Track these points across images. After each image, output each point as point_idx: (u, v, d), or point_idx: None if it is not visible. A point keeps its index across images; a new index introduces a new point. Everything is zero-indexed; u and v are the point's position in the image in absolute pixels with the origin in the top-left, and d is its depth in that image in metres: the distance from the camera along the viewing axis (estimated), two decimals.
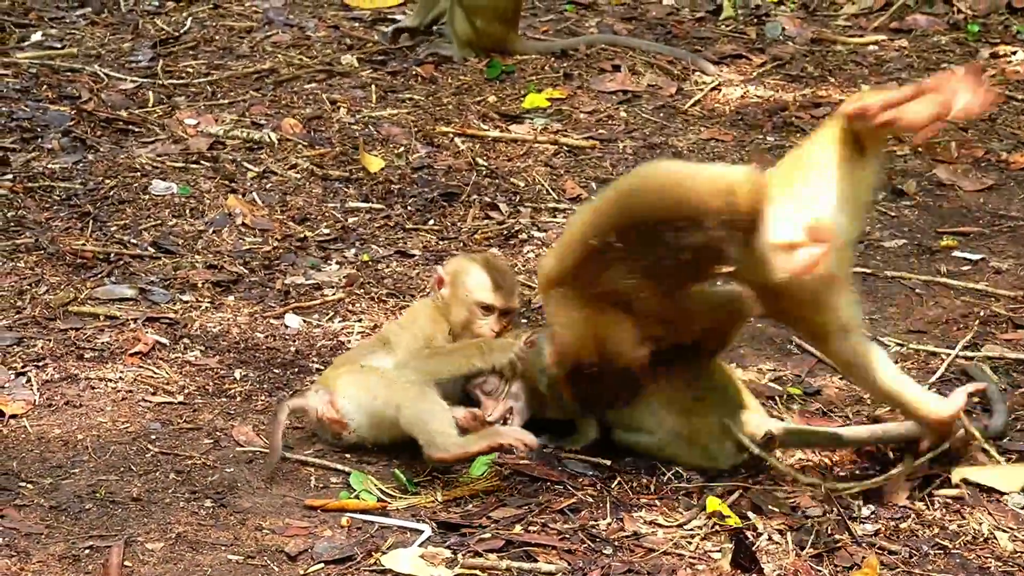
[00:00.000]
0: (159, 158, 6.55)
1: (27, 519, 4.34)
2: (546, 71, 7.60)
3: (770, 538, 4.33)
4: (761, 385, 5.07)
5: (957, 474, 4.55)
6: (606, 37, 7.77)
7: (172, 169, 6.47)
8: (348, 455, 4.71)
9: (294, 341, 5.35)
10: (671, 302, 4.48)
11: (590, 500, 4.48)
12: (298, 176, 6.49)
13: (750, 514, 4.42)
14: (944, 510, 4.46)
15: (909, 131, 4.42)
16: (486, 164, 6.66)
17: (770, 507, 4.44)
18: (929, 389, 5.06)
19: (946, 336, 5.48)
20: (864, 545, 4.30)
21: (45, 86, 7.13)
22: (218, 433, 4.81)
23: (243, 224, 6.10)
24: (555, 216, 6.28)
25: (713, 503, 4.40)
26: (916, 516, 4.43)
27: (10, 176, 6.29)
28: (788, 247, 4.25)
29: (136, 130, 6.79)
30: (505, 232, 6.13)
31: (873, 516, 4.43)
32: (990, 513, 4.46)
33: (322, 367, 5.17)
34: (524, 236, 6.12)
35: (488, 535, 4.31)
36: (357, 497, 4.47)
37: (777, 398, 5.00)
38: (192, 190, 6.31)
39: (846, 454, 4.72)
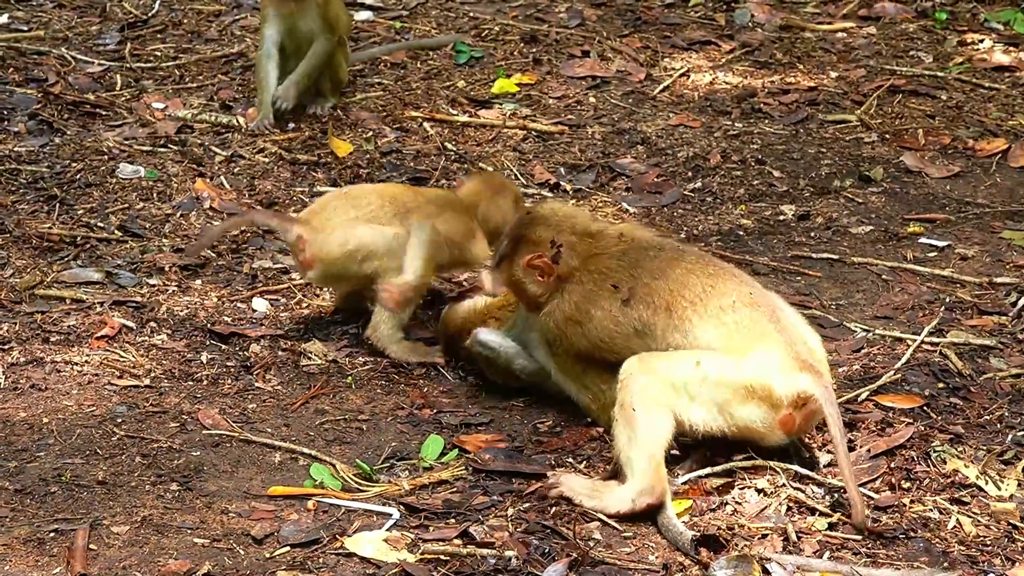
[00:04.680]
0: (126, 141, 6.53)
1: None
2: (515, 56, 7.60)
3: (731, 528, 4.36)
4: None
5: None
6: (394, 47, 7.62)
7: (139, 153, 6.45)
8: (314, 439, 4.71)
9: (261, 325, 5.34)
10: None
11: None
12: (266, 160, 6.48)
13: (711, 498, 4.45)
14: (904, 494, 4.49)
15: None
16: (455, 149, 6.66)
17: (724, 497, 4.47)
18: (895, 375, 5.09)
19: (912, 322, 5.50)
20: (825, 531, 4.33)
21: (11, 69, 7.09)
22: (184, 417, 4.80)
23: (211, 208, 6.09)
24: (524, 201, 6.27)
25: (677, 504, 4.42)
26: (873, 500, 4.46)
27: None
28: None
29: (103, 113, 6.77)
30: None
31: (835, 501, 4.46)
32: (954, 498, 4.49)
33: (289, 352, 5.17)
34: None
35: (452, 521, 4.32)
36: (321, 486, 4.47)
37: None
38: (160, 174, 6.29)
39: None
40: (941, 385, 5.07)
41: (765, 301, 4.61)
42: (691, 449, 4.66)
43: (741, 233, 6.15)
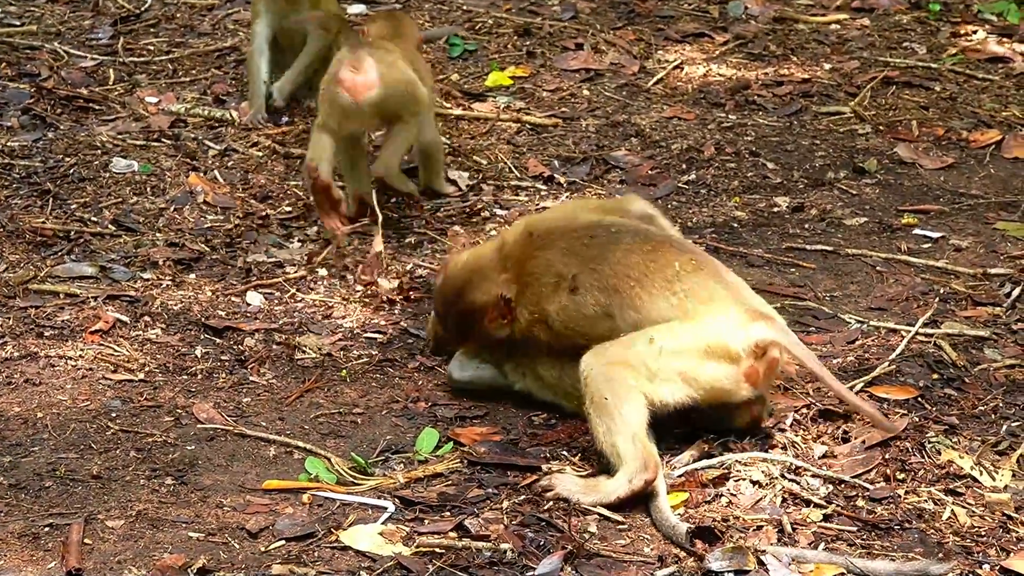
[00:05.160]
0: (120, 136, 6.53)
1: None
2: (509, 49, 7.59)
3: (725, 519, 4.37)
4: None
5: None
6: None
7: (133, 147, 6.45)
8: (309, 432, 4.71)
9: (256, 319, 5.34)
10: None
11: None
12: (260, 154, 6.47)
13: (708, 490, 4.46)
14: (899, 485, 4.50)
15: None
16: (449, 142, 6.65)
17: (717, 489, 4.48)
18: (890, 366, 5.10)
19: (906, 313, 5.50)
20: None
21: (4, 63, 7.08)
22: (179, 411, 4.80)
23: (204, 202, 6.08)
24: (517, 194, 6.28)
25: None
26: (868, 491, 4.47)
27: None
28: None
29: (97, 108, 6.76)
30: (468, 210, 6.13)
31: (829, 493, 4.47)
32: (949, 489, 4.49)
33: (284, 345, 5.17)
34: (487, 214, 6.12)
35: (448, 514, 4.32)
36: (316, 480, 4.47)
37: None
38: (153, 168, 6.29)
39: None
40: (935, 376, 5.07)
41: (708, 264, 4.67)
42: (686, 442, 4.66)
43: (735, 225, 6.15)
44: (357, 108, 5.65)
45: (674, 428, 4.60)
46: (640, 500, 4.37)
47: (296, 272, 5.63)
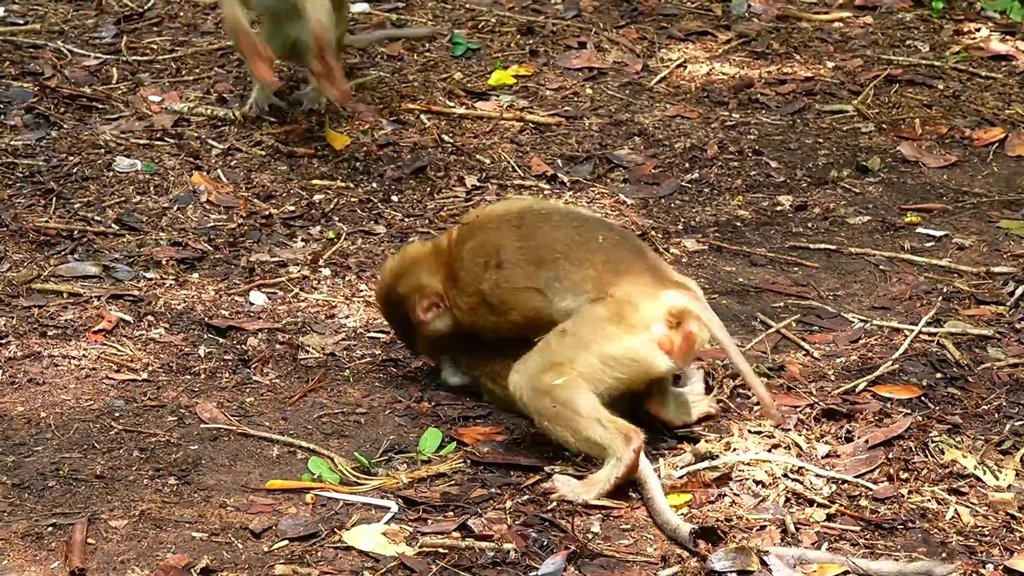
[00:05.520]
0: (123, 135, 6.53)
1: None
2: (512, 48, 7.59)
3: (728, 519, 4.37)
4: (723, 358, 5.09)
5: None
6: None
7: (136, 146, 6.45)
8: (312, 432, 4.71)
9: (259, 318, 5.34)
10: None
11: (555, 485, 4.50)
12: (263, 153, 6.47)
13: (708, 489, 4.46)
14: (902, 485, 4.50)
15: None
16: (452, 141, 6.66)
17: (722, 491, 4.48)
18: (893, 365, 5.10)
19: (910, 312, 5.50)
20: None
21: (7, 62, 7.08)
22: (182, 410, 4.80)
23: (208, 201, 6.08)
24: (521, 193, 6.28)
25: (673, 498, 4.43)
26: (871, 491, 4.47)
27: None
28: None
29: (100, 107, 6.76)
30: (471, 209, 6.13)
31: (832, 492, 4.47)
32: (952, 488, 4.49)
33: (287, 345, 5.17)
34: None
35: (451, 514, 4.33)
36: (319, 480, 4.47)
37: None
38: (156, 167, 6.29)
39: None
40: (939, 375, 5.07)
41: (630, 241, 4.71)
42: (689, 442, 4.67)
43: (738, 224, 6.15)
44: None
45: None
46: (639, 500, 4.38)
47: (299, 271, 5.63)
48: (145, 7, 7.74)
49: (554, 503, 4.37)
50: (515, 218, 4.78)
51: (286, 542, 4.20)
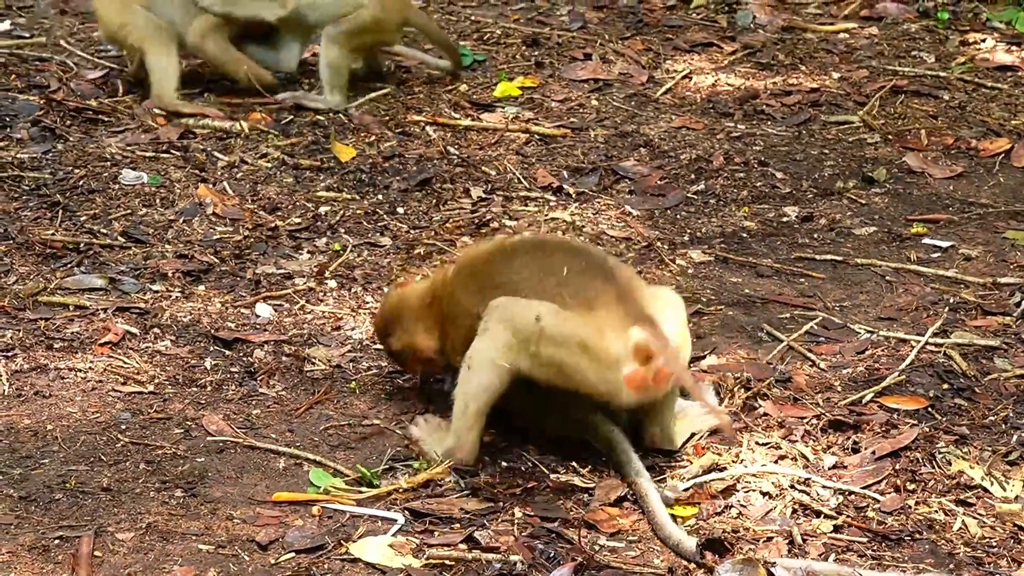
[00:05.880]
0: (129, 147, 6.53)
1: None
2: (518, 60, 7.60)
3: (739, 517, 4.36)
4: (737, 367, 5.08)
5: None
6: None
7: (142, 158, 6.45)
8: (318, 444, 4.71)
9: (265, 330, 5.34)
10: None
11: (562, 494, 4.50)
12: (269, 165, 6.48)
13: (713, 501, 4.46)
14: (909, 496, 4.49)
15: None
16: (457, 153, 6.66)
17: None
18: (900, 376, 5.09)
19: (916, 323, 5.50)
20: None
21: (13, 75, 7.09)
22: (188, 423, 4.80)
23: (214, 213, 6.09)
24: (526, 204, 6.28)
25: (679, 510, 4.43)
26: (878, 502, 4.46)
27: None
28: None
29: (106, 119, 6.77)
30: (477, 221, 6.13)
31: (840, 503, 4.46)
32: (959, 500, 4.49)
33: (293, 357, 5.17)
34: (496, 225, 6.12)
35: (457, 525, 4.32)
36: (325, 492, 4.47)
37: (752, 386, 5.00)
38: (162, 179, 6.29)
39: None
40: (946, 386, 5.07)
41: (598, 265, 4.62)
42: (695, 453, 4.66)
43: (744, 235, 6.15)
44: None
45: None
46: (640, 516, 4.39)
47: (305, 283, 5.63)
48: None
49: (558, 520, 4.36)
50: (486, 260, 4.72)
51: (292, 554, 4.20)
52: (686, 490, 4.48)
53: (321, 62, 6.95)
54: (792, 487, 4.51)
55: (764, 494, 4.49)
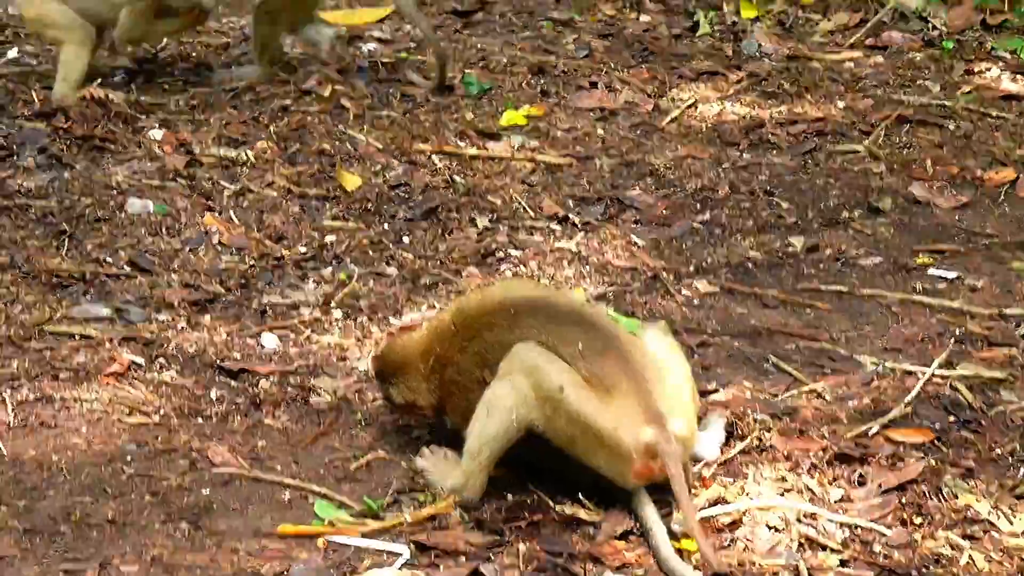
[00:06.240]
0: (135, 176, 6.54)
1: (1, 542, 4.33)
2: (524, 88, 7.61)
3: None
4: (740, 402, 5.07)
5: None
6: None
7: (148, 187, 6.46)
8: (324, 476, 4.71)
9: (271, 361, 5.33)
10: None
11: (567, 528, 4.49)
12: (275, 194, 6.48)
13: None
14: (915, 529, 4.48)
15: None
16: (463, 182, 6.66)
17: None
18: (906, 408, 5.08)
19: (922, 355, 5.49)
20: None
21: (21, 103, 7.10)
22: (194, 454, 4.80)
23: (220, 243, 6.09)
24: (532, 234, 6.28)
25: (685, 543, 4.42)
26: (885, 536, 4.46)
27: None
28: None
29: (112, 148, 6.77)
30: (482, 250, 6.13)
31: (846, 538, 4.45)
32: (966, 534, 4.48)
33: (299, 388, 5.16)
34: (501, 254, 6.12)
35: (463, 558, 4.32)
36: (331, 524, 4.46)
37: (753, 419, 4.99)
38: (169, 208, 6.30)
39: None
40: (952, 419, 5.06)
41: (615, 345, 4.58)
42: (701, 486, 4.66)
43: (750, 265, 6.15)
44: None
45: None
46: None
47: (311, 314, 5.63)
48: (157, 48, 7.76)
49: (564, 554, 4.36)
50: (488, 324, 4.67)
51: None
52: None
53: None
54: (798, 520, 4.50)
55: (770, 527, 4.48)
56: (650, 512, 4.43)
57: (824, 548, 4.40)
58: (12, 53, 7.65)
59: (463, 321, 4.76)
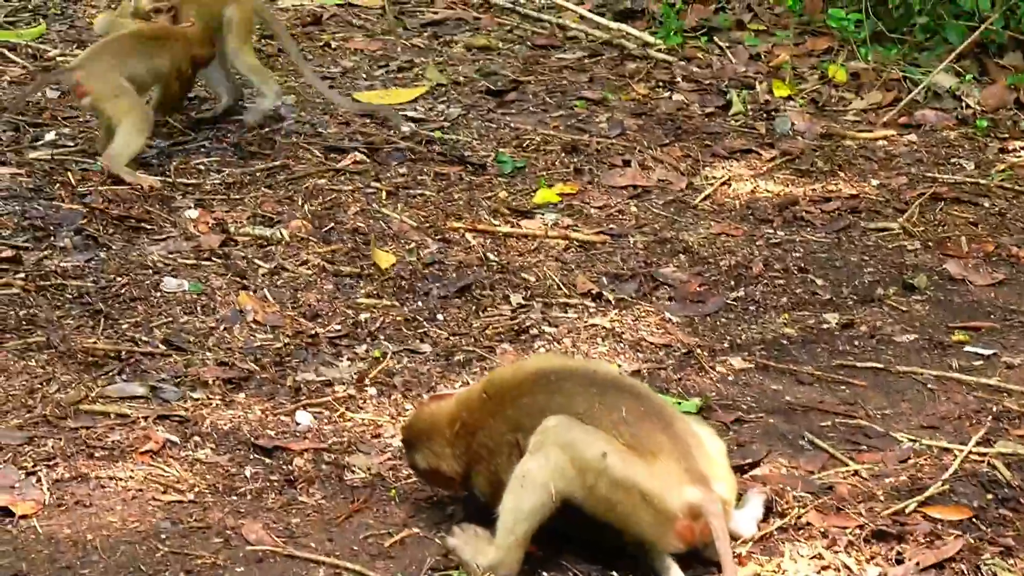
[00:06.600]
0: (171, 255, 6.57)
1: None
2: (557, 167, 7.64)
3: None
4: (777, 479, 5.05)
5: None
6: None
7: (183, 266, 6.49)
8: (358, 553, 4.69)
9: (305, 438, 5.34)
10: None
11: None
12: (309, 272, 6.50)
13: None
14: None
15: None
16: (497, 259, 6.68)
17: None
18: (943, 486, 5.04)
19: (959, 432, 5.46)
20: None
21: (58, 184, 7.16)
22: (228, 532, 4.79)
23: (254, 321, 6.11)
24: (566, 311, 6.29)
25: None
26: None
27: (23, 275, 6.31)
28: None
29: (148, 227, 6.81)
30: (516, 328, 6.13)
31: None
32: None
33: (333, 465, 5.16)
34: (535, 331, 6.12)
35: None
36: None
37: (792, 497, 4.96)
38: (203, 287, 6.32)
39: None
40: (990, 496, 5.02)
41: (655, 410, 4.59)
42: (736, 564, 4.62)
43: (784, 342, 6.14)
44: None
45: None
46: None
47: (345, 391, 5.64)
48: (192, 127, 7.83)
49: None
50: (528, 392, 4.67)
51: None
52: None
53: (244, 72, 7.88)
54: None
55: None
56: None
57: None
58: (50, 136, 7.71)
59: (495, 390, 4.76)
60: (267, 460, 5.20)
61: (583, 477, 4.41)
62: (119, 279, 6.35)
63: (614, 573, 4.58)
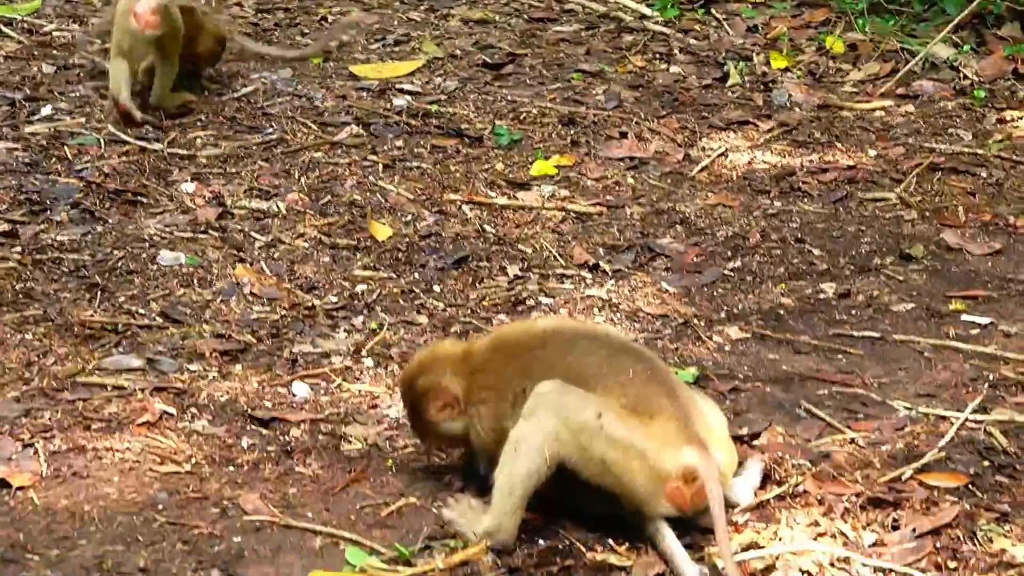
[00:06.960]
0: (167, 229, 6.57)
1: None
2: (554, 139, 7.63)
3: None
4: (775, 448, 5.05)
5: None
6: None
7: (180, 239, 6.49)
8: (355, 523, 4.70)
9: (302, 409, 5.34)
10: None
11: (599, 573, 4.47)
12: (306, 245, 6.50)
13: None
14: (951, 574, 4.45)
15: None
16: (494, 231, 6.68)
17: None
18: (940, 453, 5.05)
19: (956, 400, 5.46)
20: None
21: (54, 159, 7.15)
22: (225, 502, 4.79)
23: (251, 293, 6.10)
24: (563, 282, 6.29)
25: None
26: None
27: (19, 248, 6.30)
28: None
29: (144, 201, 6.81)
30: (513, 299, 6.14)
31: None
32: None
33: (330, 436, 5.16)
34: (532, 303, 6.12)
35: None
36: (361, 571, 4.45)
37: (790, 465, 4.97)
38: (200, 260, 6.32)
39: None
40: (986, 463, 5.03)
41: (660, 375, 4.62)
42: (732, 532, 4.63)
43: (782, 312, 6.14)
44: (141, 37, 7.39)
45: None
46: None
47: (342, 362, 5.64)
48: (191, 103, 7.81)
49: None
50: (539, 345, 4.70)
51: None
52: (724, 568, 4.44)
53: None
54: (832, 565, 4.47)
55: (804, 572, 4.45)
56: (680, 556, 4.41)
57: None
58: (46, 110, 7.70)
59: (500, 342, 4.80)
60: (264, 431, 5.20)
61: (578, 438, 4.41)
62: (116, 252, 6.35)
63: (610, 540, 4.58)
